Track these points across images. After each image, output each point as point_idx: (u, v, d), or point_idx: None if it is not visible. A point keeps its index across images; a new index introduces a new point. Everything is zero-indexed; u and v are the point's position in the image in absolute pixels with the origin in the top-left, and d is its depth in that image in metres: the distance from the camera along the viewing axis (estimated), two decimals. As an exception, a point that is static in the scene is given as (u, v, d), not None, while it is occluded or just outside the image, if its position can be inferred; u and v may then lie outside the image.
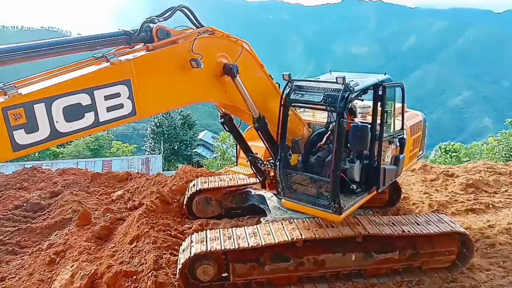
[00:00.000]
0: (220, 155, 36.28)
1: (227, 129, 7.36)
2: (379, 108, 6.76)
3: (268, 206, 7.70)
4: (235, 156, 8.82)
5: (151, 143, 44.26)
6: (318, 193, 6.62)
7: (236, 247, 6.22)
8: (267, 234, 6.46)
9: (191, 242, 6.50)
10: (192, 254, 6.15)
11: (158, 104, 5.34)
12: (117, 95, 4.58)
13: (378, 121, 6.80)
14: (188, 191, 8.90)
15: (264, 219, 7.38)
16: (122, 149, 41.35)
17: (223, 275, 6.54)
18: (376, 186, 7.04)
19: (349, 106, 6.39)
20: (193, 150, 46.50)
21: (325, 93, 6.29)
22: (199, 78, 5.71)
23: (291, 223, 6.76)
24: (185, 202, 8.82)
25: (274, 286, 6.62)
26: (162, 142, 41.94)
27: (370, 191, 7.09)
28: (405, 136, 7.61)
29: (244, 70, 6.19)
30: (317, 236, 6.39)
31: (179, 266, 6.24)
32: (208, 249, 6.20)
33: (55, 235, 8.87)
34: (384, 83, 6.78)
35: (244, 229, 6.74)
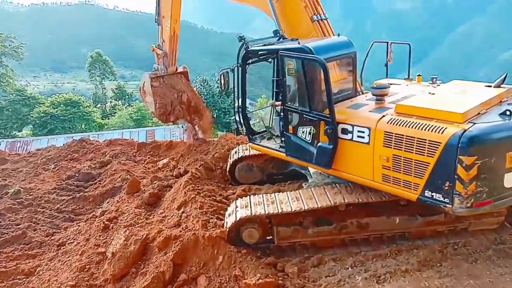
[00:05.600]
0: (258, 122, 36.39)
1: None
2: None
3: (309, 171, 7.75)
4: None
5: (191, 112, 44.83)
6: None
7: (279, 211, 6.37)
8: (310, 199, 6.54)
9: (236, 207, 6.72)
10: (238, 219, 6.37)
11: None
12: None
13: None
14: (230, 158, 9.07)
15: (305, 184, 7.46)
16: (163, 119, 42.18)
17: (268, 237, 6.74)
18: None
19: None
20: (232, 118, 46.80)
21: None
22: None
23: (333, 187, 6.79)
24: (228, 169, 9.01)
25: (318, 249, 6.73)
26: (201, 110, 42.38)
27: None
28: (331, 123, 6.29)
29: None
30: (360, 200, 6.41)
31: (226, 230, 6.49)
32: (253, 213, 6.39)
33: (107, 202, 9.41)
34: (281, 51, 6.79)
35: (287, 194, 6.86)
